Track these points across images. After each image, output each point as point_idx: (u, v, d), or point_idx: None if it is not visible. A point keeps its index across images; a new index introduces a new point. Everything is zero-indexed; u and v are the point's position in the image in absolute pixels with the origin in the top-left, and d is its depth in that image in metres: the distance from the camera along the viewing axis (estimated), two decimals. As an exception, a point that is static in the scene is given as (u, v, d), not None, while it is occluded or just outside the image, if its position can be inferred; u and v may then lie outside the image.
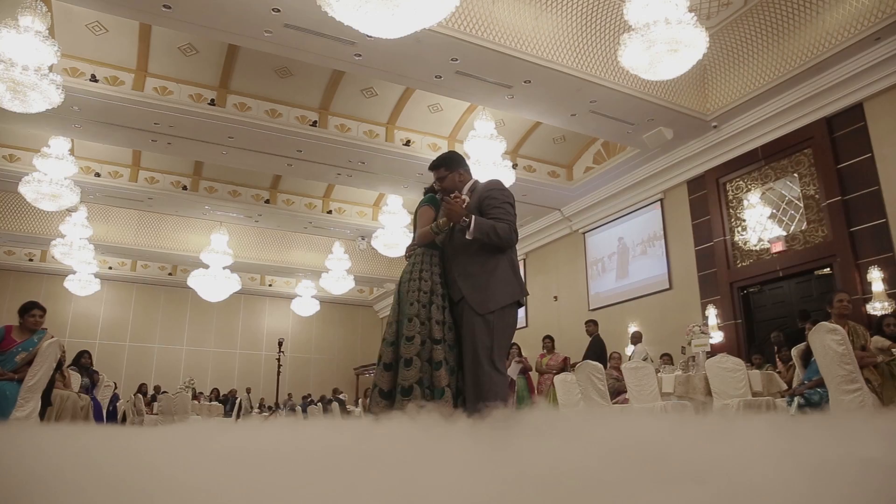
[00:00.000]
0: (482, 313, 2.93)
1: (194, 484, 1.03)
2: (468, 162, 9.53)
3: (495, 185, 3.19)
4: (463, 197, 3.10)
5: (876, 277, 7.37)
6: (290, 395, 17.11)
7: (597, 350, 8.16)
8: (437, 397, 2.82)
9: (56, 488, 1.04)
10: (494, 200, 3.08)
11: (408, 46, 7.21)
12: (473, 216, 3.01)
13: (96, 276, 14.66)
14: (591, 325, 8.93)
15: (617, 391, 6.38)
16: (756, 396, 5.09)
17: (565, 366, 8.27)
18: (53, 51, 7.17)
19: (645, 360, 8.28)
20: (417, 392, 2.82)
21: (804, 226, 8.47)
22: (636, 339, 9.38)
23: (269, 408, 14.68)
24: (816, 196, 8.36)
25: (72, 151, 10.50)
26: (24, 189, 9.83)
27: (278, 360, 8.61)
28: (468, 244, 3.05)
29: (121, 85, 8.85)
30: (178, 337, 17.89)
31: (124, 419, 10.21)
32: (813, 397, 4.15)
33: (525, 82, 8.23)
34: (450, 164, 3.32)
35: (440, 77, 8.16)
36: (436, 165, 3.35)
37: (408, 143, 10.65)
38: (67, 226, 12.39)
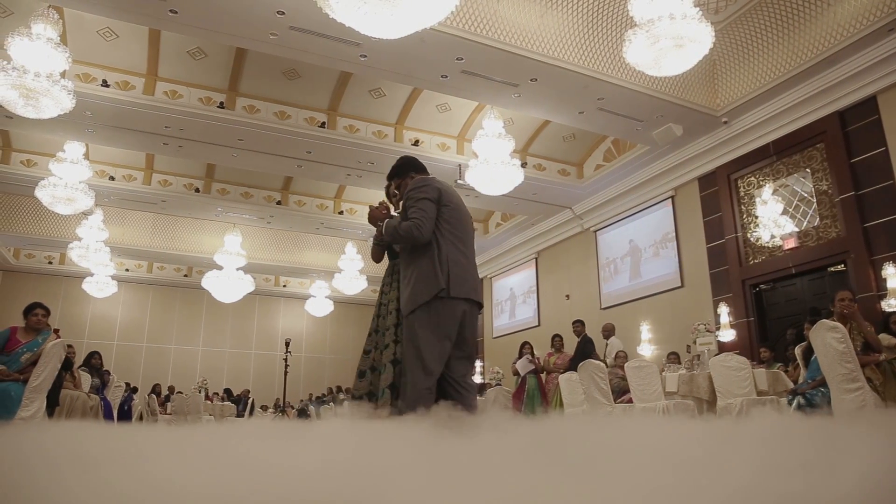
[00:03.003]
0: (405, 314, 2.96)
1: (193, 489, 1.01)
2: (478, 161, 9.47)
3: (414, 185, 3.13)
4: (385, 203, 3.22)
5: (891, 274, 7.21)
6: (310, 395, 17.24)
7: (585, 350, 8.10)
8: (379, 397, 2.88)
9: (51, 490, 1.04)
10: (410, 200, 3.06)
11: (412, 46, 7.22)
12: (386, 220, 3.08)
13: (113, 278, 14.87)
14: (579, 325, 8.90)
15: (622, 390, 6.33)
16: (761, 395, 5.03)
17: (572, 365, 8.22)
18: (65, 57, 7.28)
19: (619, 356, 8.14)
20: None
21: (817, 222, 8.33)
22: (608, 331, 9.20)
23: (279, 408, 14.76)
24: (829, 191, 8.22)
25: (86, 155, 10.67)
26: (40, 193, 10.00)
27: (285, 360, 8.68)
28: (403, 249, 3.12)
29: (131, 89, 8.98)
30: (194, 338, 18.10)
31: (141, 419, 10.37)
32: (815, 398, 4.08)
33: (531, 80, 8.19)
34: (399, 173, 3.36)
35: (446, 77, 8.16)
36: (389, 178, 3.42)
37: (417, 142, 10.66)
38: (83, 229, 12.59)
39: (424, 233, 2.93)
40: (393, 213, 3.28)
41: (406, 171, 3.33)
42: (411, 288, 2.94)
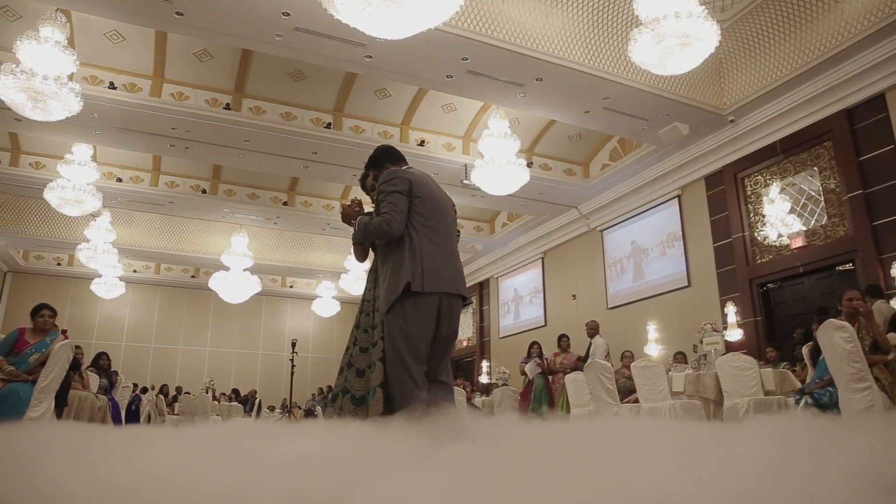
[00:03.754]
0: (383, 313, 2.86)
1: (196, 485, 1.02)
2: (483, 161, 9.38)
3: (384, 178, 3.01)
4: (357, 199, 3.13)
5: (900, 272, 7.16)
6: (313, 395, 17.28)
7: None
8: (369, 398, 2.79)
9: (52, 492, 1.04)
10: (381, 194, 2.95)
11: (417, 47, 7.22)
12: (359, 218, 3.00)
13: (121, 279, 14.97)
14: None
15: (629, 390, 6.31)
16: (768, 395, 5.00)
17: (578, 365, 8.21)
18: (73, 60, 7.33)
19: (607, 356, 8.10)
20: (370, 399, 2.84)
21: (825, 220, 8.28)
22: (593, 329, 9.14)
23: (286, 408, 14.79)
24: (837, 190, 8.17)
25: (94, 157, 10.74)
26: (48, 195, 10.06)
27: (291, 360, 8.70)
28: (379, 245, 3.05)
29: (138, 91, 9.02)
30: (202, 338, 18.17)
31: (149, 419, 10.41)
32: (822, 398, 4.06)
33: (537, 80, 8.18)
34: (375, 164, 3.25)
35: (451, 77, 8.16)
36: (366, 168, 3.31)
37: (422, 143, 10.66)
38: (92, 230, 12.67)
39: (395, 227, 2.85)
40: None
41: (382, 161, 3.21)
42: (386, 285, 2.86)
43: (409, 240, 2.88)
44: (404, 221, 2.88)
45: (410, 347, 2.77)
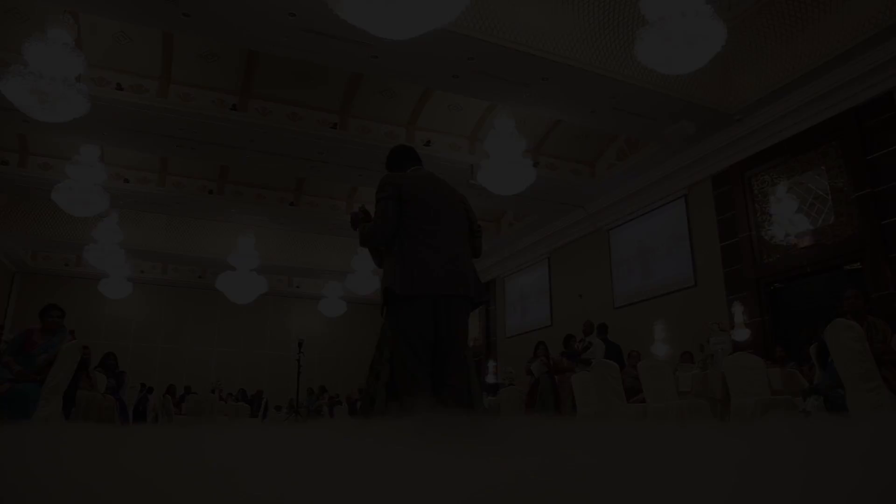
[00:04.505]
0: (384, 317, 2.92)
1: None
2: (490, 160, 9.36)
3: (377, 186, 3.03)
4: (363, 207, 3.20)
5: (908, 272, 7.12)
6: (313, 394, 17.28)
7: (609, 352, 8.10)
8: (376, 398, 2.84)
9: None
10: (376, 202, 2.99)
11: (423, 46, 7.22)
12: (361, 225, 3.06)
13: (129, 279, 15.02)
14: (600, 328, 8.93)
15: (636, 390, 6.29)
16: (776, 395, 4.97)
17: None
18: (80, 61, 7.37)
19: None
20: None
21: (832, 219, 8.23)
22: (587, 328, 9.10)
23: (293, 408, 14.80)
24: (845, 189, 8.11)
25: (102, 158, 10.78)
26: (56, 196, 10.11)
27: (298, 360, 8.72)
28: (382, 249, 3.08)
29: (145, 93, 9.07)
30: (209, 338, 18.21)
31: (156, 419, 10.46)
32: (830, 394, 4.02)
33: (543, 79, 8.17)
34: (387, 167, 3.31)
35: (457, 76, 8.16)
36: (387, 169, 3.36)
37: (428, 143, 10.66)
38: (99, 231, 12.72)
39: (379, 235, 2.91)
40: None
41: (389, 165, 3.29)
42: (382, 290, 2.92)
43: (400, 244, 2.90)
44: (392, 227, 2.90)
45: (404, 349, 2.79)
